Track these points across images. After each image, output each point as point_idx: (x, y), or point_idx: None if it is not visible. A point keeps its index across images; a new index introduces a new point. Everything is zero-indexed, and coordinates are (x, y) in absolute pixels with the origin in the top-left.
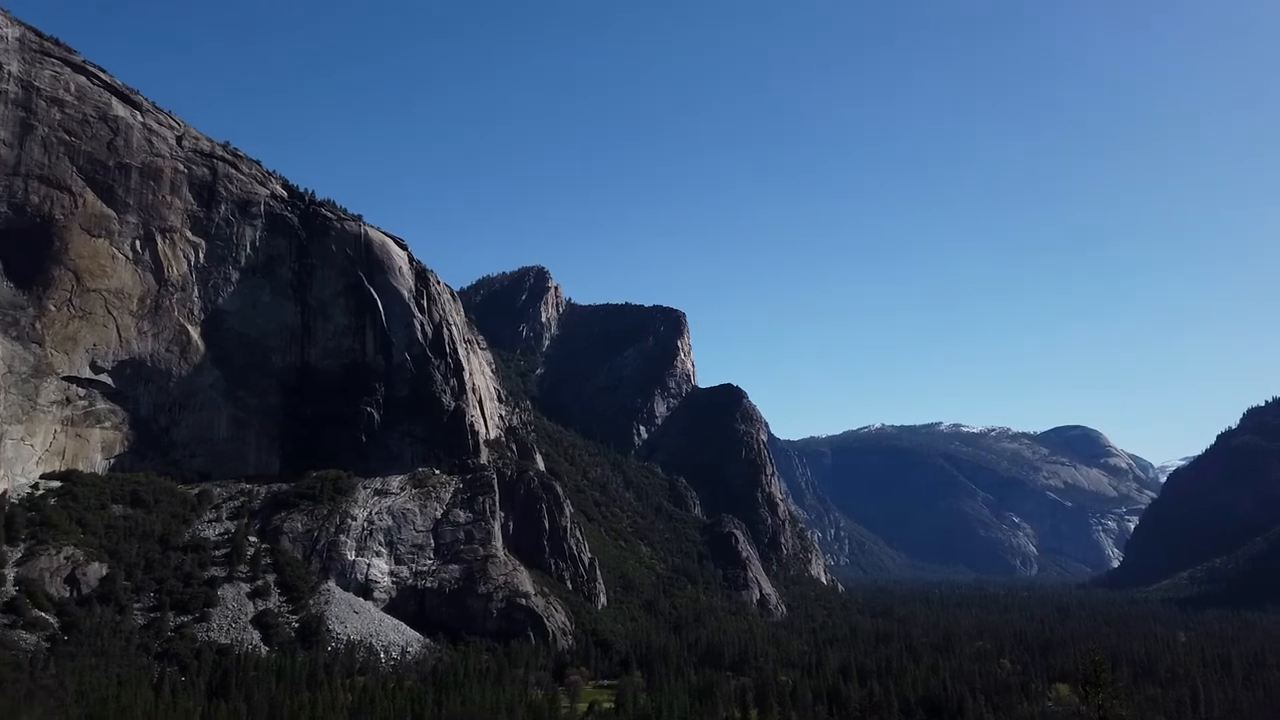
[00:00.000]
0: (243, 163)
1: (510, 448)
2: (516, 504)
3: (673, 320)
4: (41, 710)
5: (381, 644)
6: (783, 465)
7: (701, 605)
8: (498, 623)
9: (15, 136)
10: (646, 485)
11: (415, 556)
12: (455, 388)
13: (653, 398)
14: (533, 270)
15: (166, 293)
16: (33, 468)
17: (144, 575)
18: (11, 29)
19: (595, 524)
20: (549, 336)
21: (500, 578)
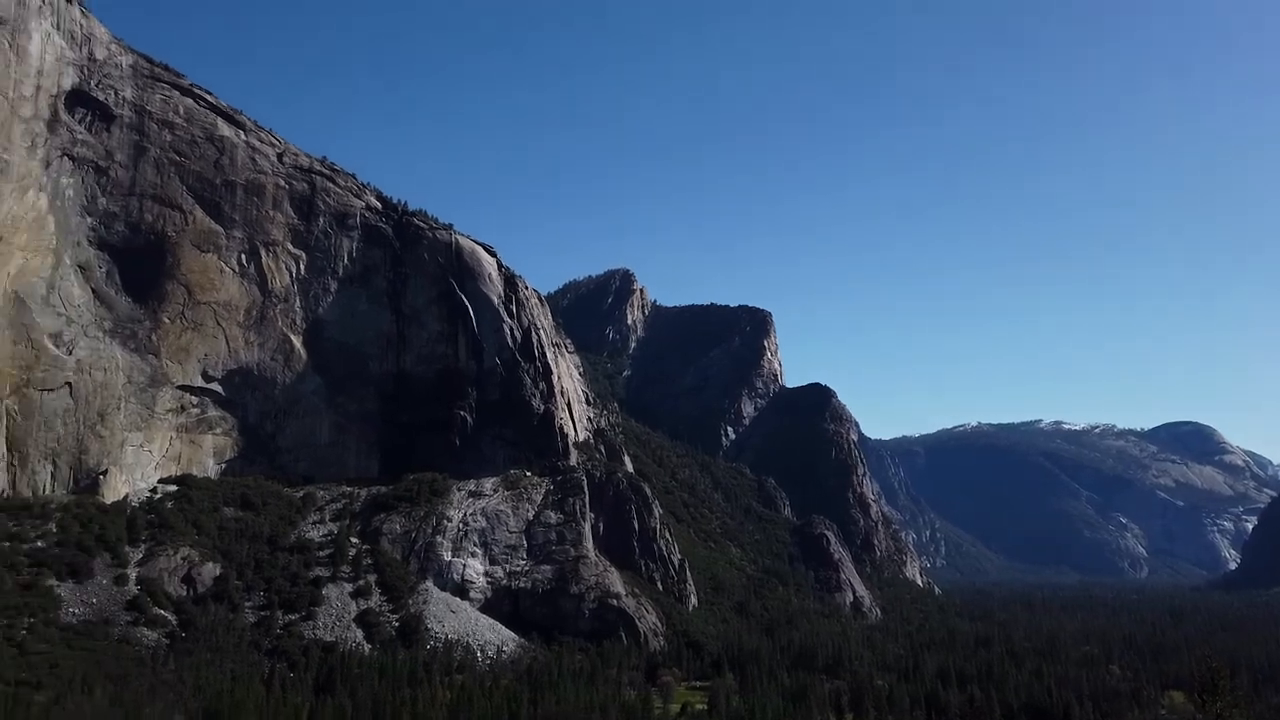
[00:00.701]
0: (339, 176)
1: (599, 450)
2: (606, 505)
3: (759, 320)
4: (163, 704)
5: (478, 643)
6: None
7: (793, 607)
8: (590, 623)
9: (130, 159)
10: (735, 486)
11: (509, 557)
12: (544, 391)
13: (740, 398)
14: (618, 273)
15: (270, 304)
16: (151, 472)
17: (254, 575)
18: (125, 57)
19: (684, 525)
20: (635, 339)
21: (591, 578)
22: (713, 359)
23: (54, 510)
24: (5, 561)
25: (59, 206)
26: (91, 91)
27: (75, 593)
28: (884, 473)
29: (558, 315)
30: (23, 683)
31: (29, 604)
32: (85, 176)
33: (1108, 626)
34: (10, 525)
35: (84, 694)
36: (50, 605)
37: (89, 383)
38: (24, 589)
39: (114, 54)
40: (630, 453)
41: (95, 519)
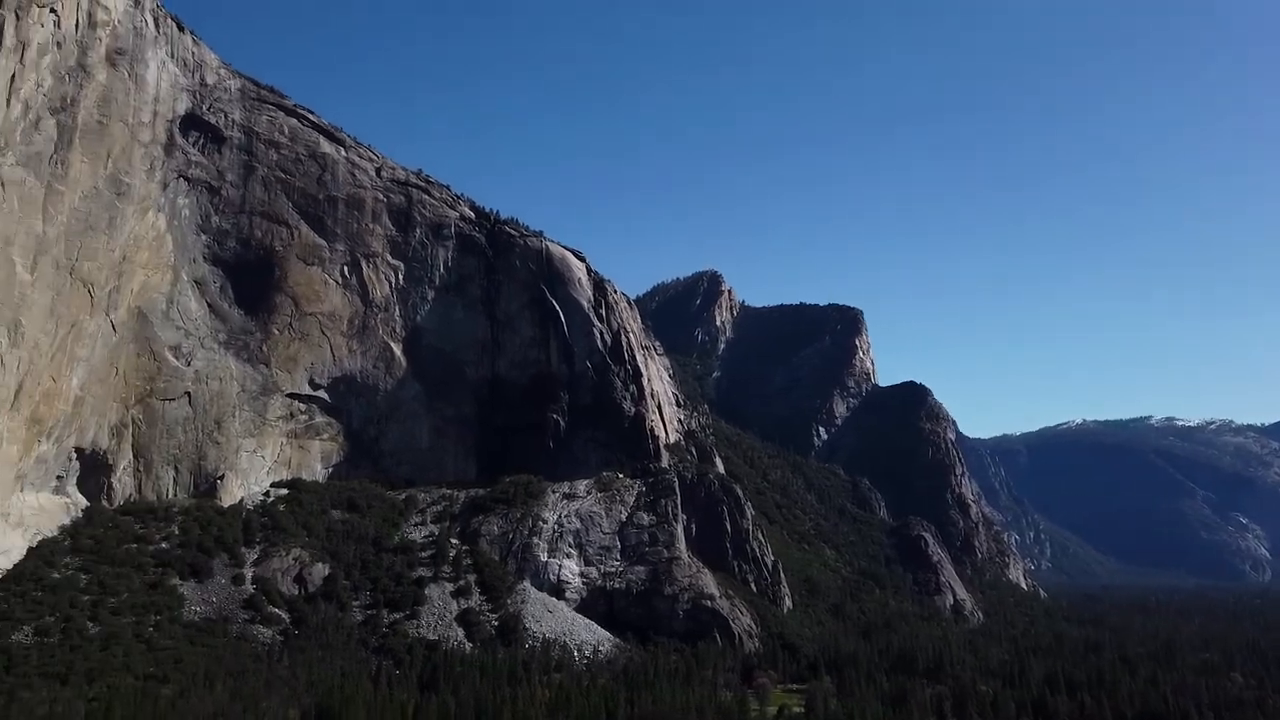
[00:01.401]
0: (434, 188)
1: (690, 451)
2: (697, 506)
3: (850, 318)
4: (278, 699)
5: (575, 643)
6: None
7: (891, 610)
8: (684, 624)
9: (240, 178)
10: (828, 487)
11: (603, 558)
12: (635, 393)
13: (831, 398)
14: (706, 275)
15: (372, 313)
16: (264, 477)
17: (360, 575)
18: (234, 81)
19: (777, 526)
20: (724, 340)
21: (685, 579)
22: (803, 359)
23: (176, 513)
24: (133, 562)
25: (176, 225)
26: (204, 115)
27: (197, 592)
28: (984, 473)
29: (647, 318)
30: (150, 677)
31: (155, 602)
32: (199, 196)
33: (1228, 632)
34: (137, 528)
35: (206, 688)
36: (174, 604)
37: (206, 392)
38: (151, 588)
39: (223, 78)
40: (721, 454)
41: (214, 521)
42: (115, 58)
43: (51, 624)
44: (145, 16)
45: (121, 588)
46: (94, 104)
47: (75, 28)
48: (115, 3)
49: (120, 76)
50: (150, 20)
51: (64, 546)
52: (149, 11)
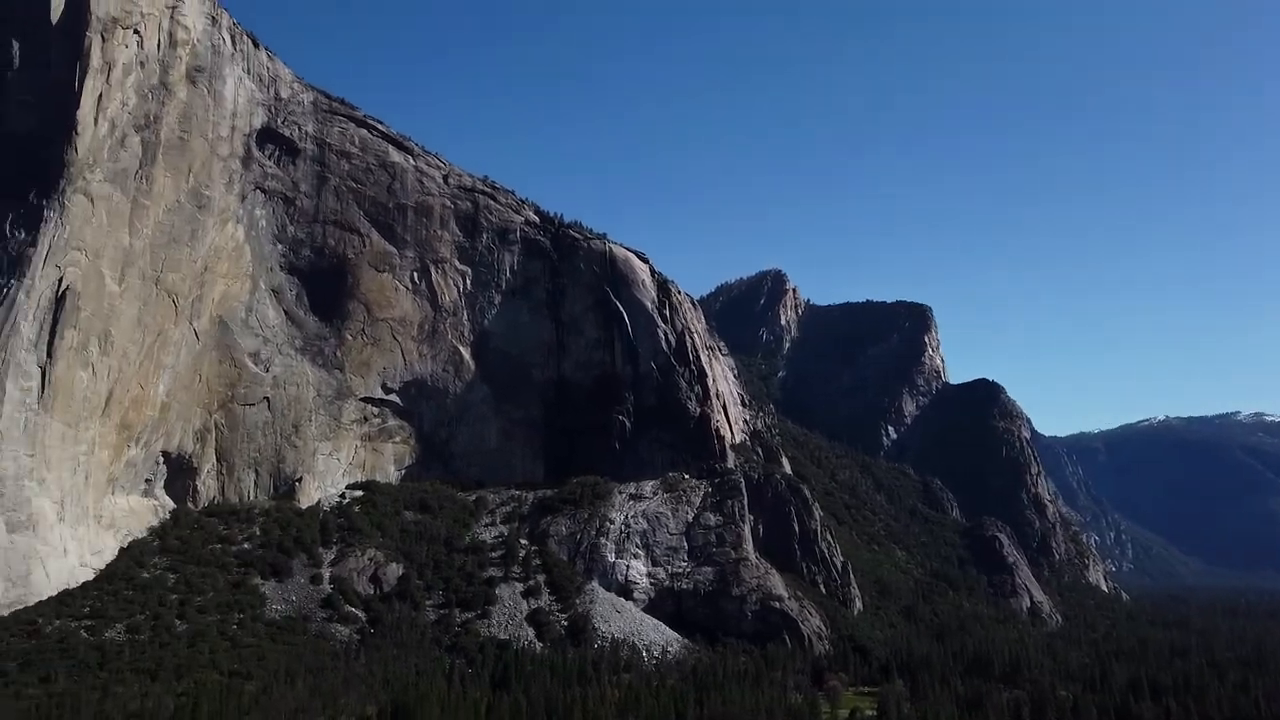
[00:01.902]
0: (499, 194)
1: (755, 451)
2: (765, 507)
3: (918, 315)
4: (356, 696)
5: (643, 643)
6: (1049, 464)
7: (965, 612)
8: (752, 625)
9: (314, 188)
10: (898, 487)
11: (670, 559)
12: (700, 394)
13: (900, 396)
14: (770, 274)
15: (441, 318)
16: (339, 479)
17: (433, 575)
18: (306, 94)
19: (846, 527)
20: (789, 339)
21: (753, 580)
22: (870, 357)
23: (257, 515)
24: (217, 562)
25: (253, 236)
26: (278, 128)
27: (277, 591)
28: (1060, 472)
29: (710, 318)
30: (235, 673)
31: (238, 601)
32: (275, 207)
33: None
34: (220, 529)
35: (287, 685)
36: (256, 602)
37: (284, 397)
38: (234, 587)
39: (296, 92)
40: (788, 454)
41: (293, 522)
42: (195, 75)
43: (142, 622)
44: (222, 34)
45: (207, 587)
46: (175, 120)
47: (157, 47)
48: (194, 22)
49: (200, 93)
50: (227, 38)
51: (153, 547)
52: (226, 29)
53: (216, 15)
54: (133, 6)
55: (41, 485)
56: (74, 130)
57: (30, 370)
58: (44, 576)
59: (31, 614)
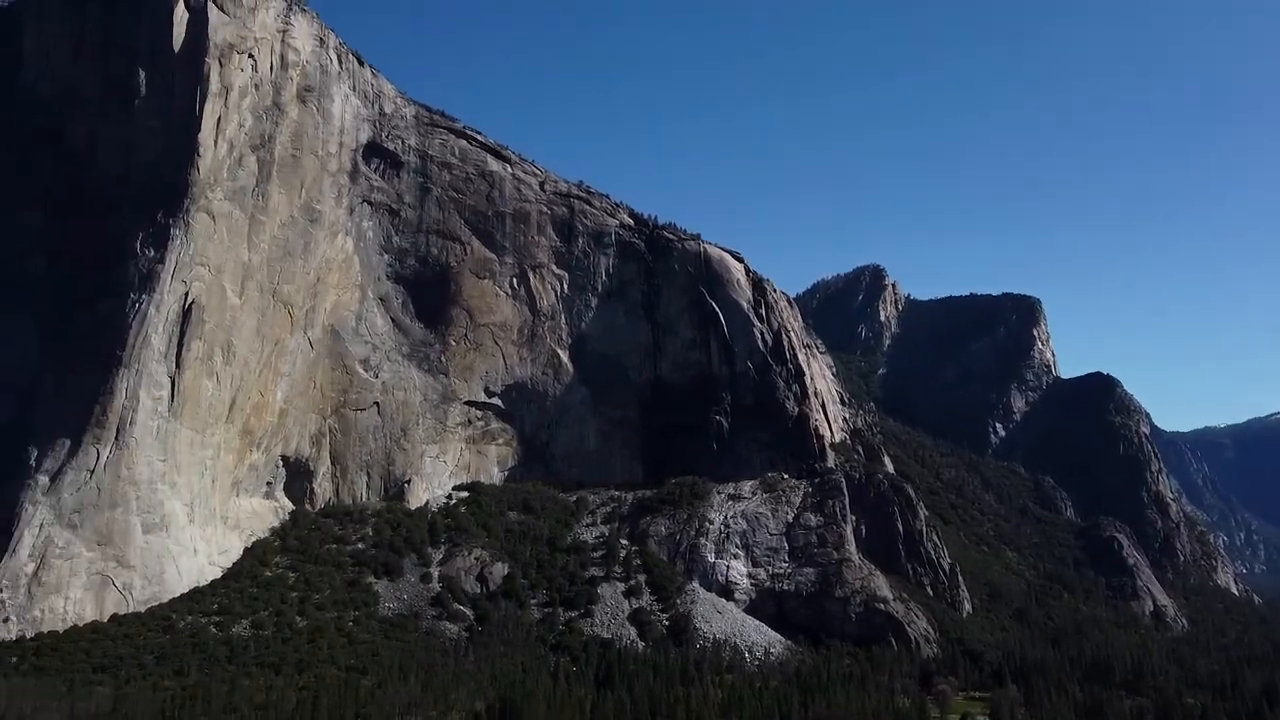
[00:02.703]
0: (594, 198)
1: (856, 450)
2: (867, 507)
3: (1026, 307)
4: (466, 692)
5: (745, 644)
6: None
7: (1082, 616)
8: (856, 627)
9: (417, 199)
10: (1008, 486)
11: (770, 559)
12: (797, 393)
13: (1008, 392)
14: (868, 269)
15: (539, 322)
16: (446, 481)
17: (537, 574)
18: (409, 108)
19: (953, 527)
20: (889, 335)
21: (856, 582)
22: (975, 352)
23: (369, 516)
24: (333, 561)
25: (361, 247)
26: (383, 143)
27: (389, 589)
28: (1184, 469)
29: (807, 316)
30: (352, 668)
31: (354, 599)
32: (381, 219)
33: None
34: (336, 529)
35: (400, 680)
36: (370, 600)
37: (393, 402)
38: (349, 585)
39: (399, 107)
40: (890, 453)
41: (403, 523)
42: (305, 95)
43: (265, 618)
44: (329, 54)
45: (324, 585)
46: (288, 139)
47: (270, 70)
48: (303, 44)
49: (310, 112)
50: (334, 58)
51: (274, 547)
52: (332, 49)
53: (324, 36)
54: (247, 32)
55: (173, 488)
56: (196, 152)
57: (161, 380)
58: (176, 574)
59: (166, 610)
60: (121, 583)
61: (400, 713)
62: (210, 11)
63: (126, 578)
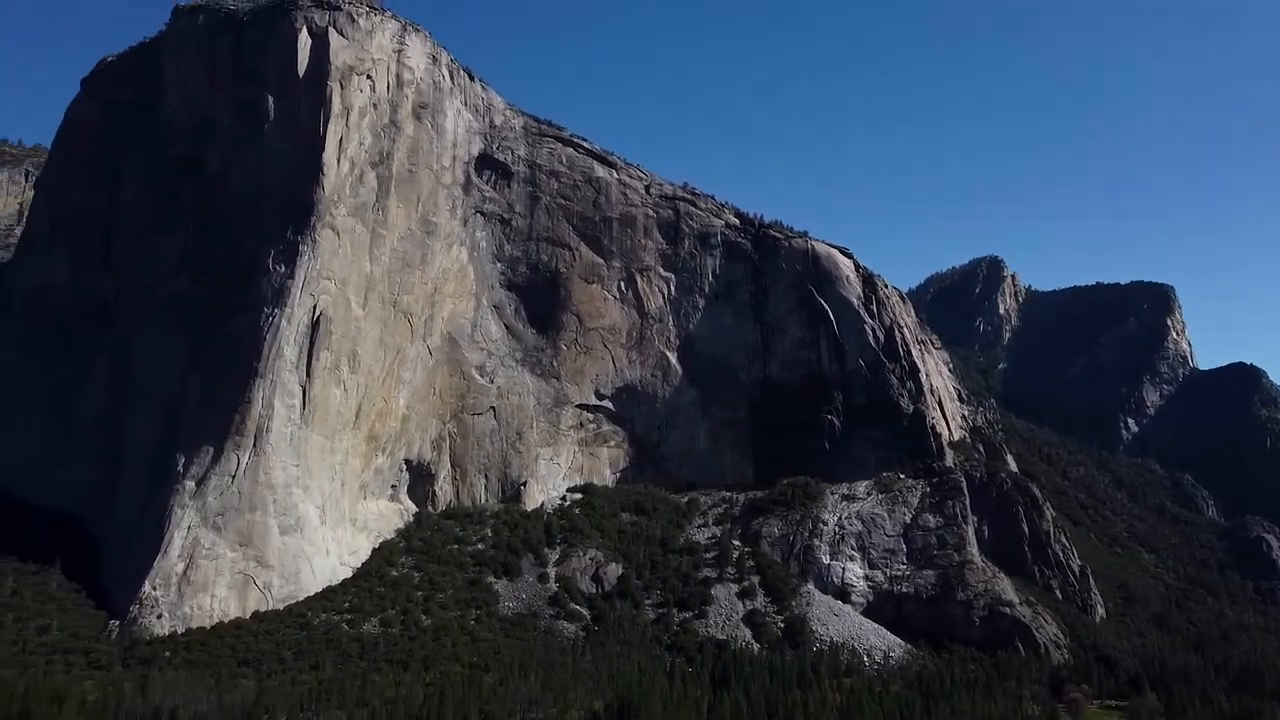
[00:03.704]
0: (700, 200)
1: (976, 448)
2: (989, 507)
3: (1158, 296)
4: (584, 690)
5: (863, 647)
6: None
7: (1228, 621)
8: (980, 631)
9: (527, 208)
10: (1142, 484)
11: (888, 561)
12: (912, 390)
13: (1140, 385)
14: (984, 261)
15: (647, 325)
16: (560, 482)
17: (650, 575)
18: (517, 119)
19: (1083, 528)
20: (1008, 329)
21: (979, 584)
22: (1103, 344)
23: (488, 517)
24: (455, 561)
25: (475, 257)
26: (494, 154)
27: (509, 589)
28: None
29: (921, 311)
30: (475, 665)
31: (475, 598)
32: (493, 229)
33: None
34: (456, 530)
35: (521, 678)
36: (491, 600)
37: (508, 406)
38: (471, 585)
39: (509, 118)
40: (1012, 451)
41: (520, 524)
42: (420, 111)
43: (393, 616)
44: (442, 71)
45: (447, 584)
46: (405, 155)
47: (387, 89)
48: (418, 62)
49: (425, 128)
50: (446, 74)
51: (400, 547)
52: (445, 66)
53: (436, 54)
54: (365, 54)
55: (306, 492)
56: (321, 171)
57: (293, 389)
58: (310, 574)
59: (302, 608)
60: (261, 581)
61: (522, 709)
62: (331, 37)
63: (266, 577)
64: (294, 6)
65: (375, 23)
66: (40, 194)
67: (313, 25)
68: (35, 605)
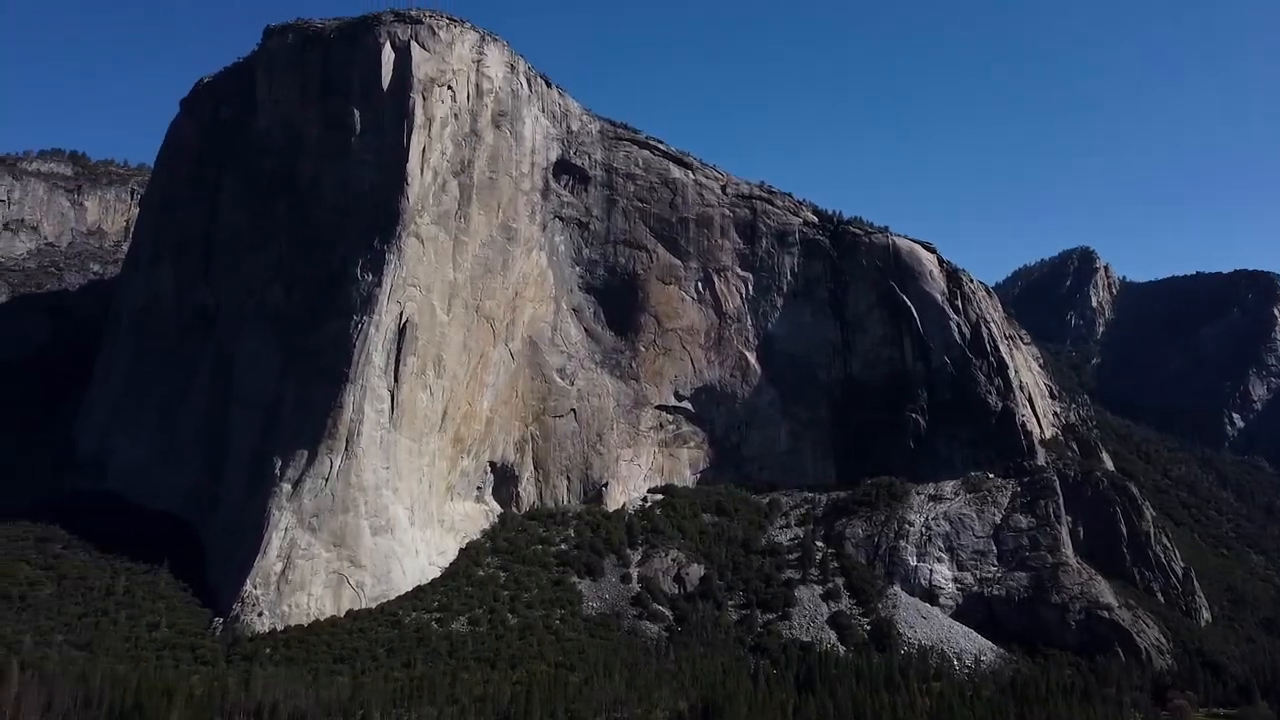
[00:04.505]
0: (776, 198)
1: (1070, 447)
2: (1084, 507)
3: (1263, 285)
4: (668, 691)
5: (953, 651)
6: None
7: None
8: (1077, 636)
9: (604, 212)
10: (1250, 482)
11: (977, 563)
12: (1000, 387)
13: (1245, 379)
14: (1075, 253)
15: (725, 325)
16: (640, 483)
17: (733, 576)
18: (594, 124)
19: (1185, 529)
20: (1102, 322)
21: (1075, 587)
22: (1205, 337)
23: (570, 518)
24: (539, 562)
25: (554, 261)
26: (571, 159)
27: (592, 589)
28: None
29: (1009, 306)
30: (560, 665)
31: (559, 598)
32: (572, 233)
33: None
34: (540, 531)
35: (606, 677)
36: (575, 599)
37: (588, 408)
38: (555, 585)
39: (585, 124)
40: (1108, 449)
41: (602, 525)
42: (499, 120)
43: (480, 615)
44: (520, 79)
45: (532, 584)
46: (485, 163)
47: (467, 99)
48: (496, 72)
49: (504, 135)
50: (524, 82)
51: (486, 548)
52: (522, 74)
53: (514, 62)
54: (445, 65)
55: (395, 494)
56: (405, 181)
57: (382, 394)
58: (401, 574)
59: (393, 607)
60: (355, 581)
61: (607, 709)
62: (413, 50)
63: (359, 576)
64: (377, 22)
65: (455, 34)
66: (144, 211)
67: (395, 39)
68: (146, 603)
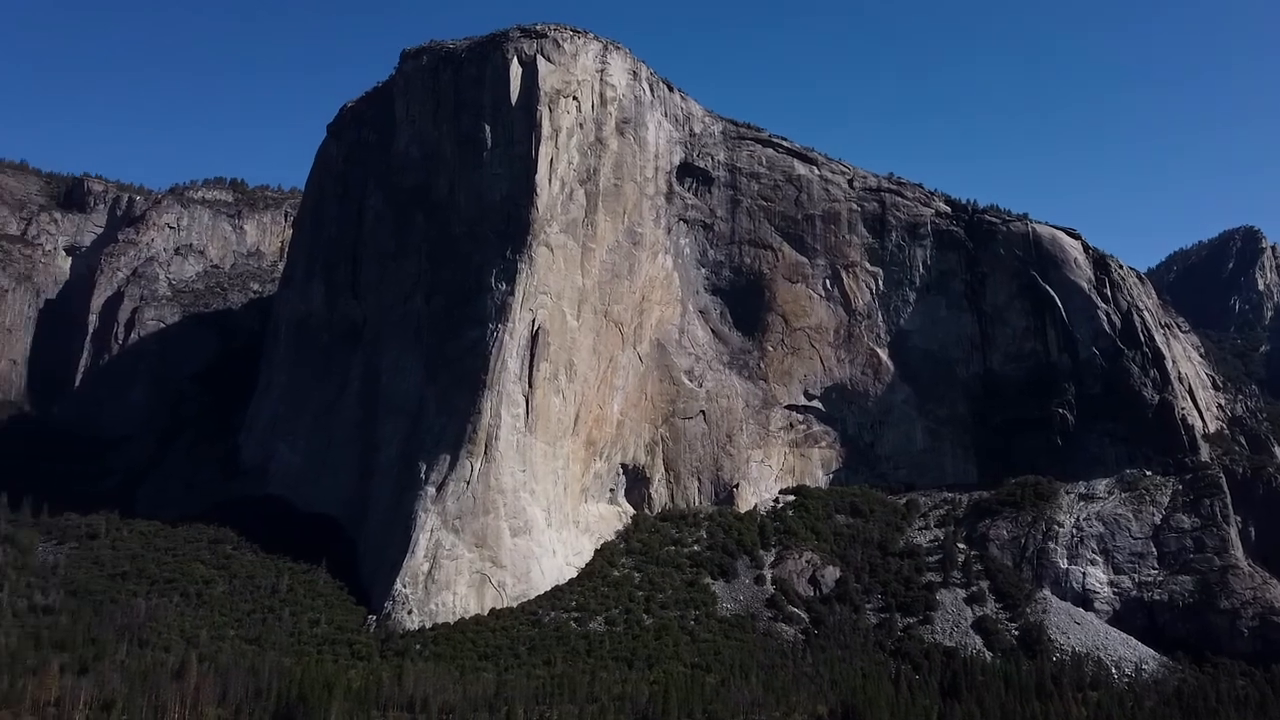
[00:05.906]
0: (906, 189)
1: (1237, 441)
2: (1254, 506)
3: None
4: (806, 694)
5: (1110, 659)
6: None
7: None
8: (1249, 643)
9: (728, 212)
10: None
11: (1135, 566)
12: (1157, 379)
13: None
14: (1238, 232)
15: (855, 322)
16: (771, 484)
17: (869, 578)
18: (716, 125)
19: None
20: (1269, 306)
21: (1246, 592)
22: None
23: (702, 519)
24: (672, 562)
25: (680, 264)
26: (694, 161)
27: (725, 590)
28: None
29: (1163, 293)
30: (696, 665)
31: (693, 599)
32: (696, 235)
33: None
34: (672, 532)
35: (742, 679)
36: (708, 600)
37: (717, 409)
38: (688, 586)
39: (707, 125)
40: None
41: (733, 526)
42: (623, 127)
43: (617, 615)
44: (642, 86)
45: (666, 585)
46: (610, 170)
47: (591, 108)
48: (619, 79)
49: (628, 142)
50: (646, 88)
51: (620, 549)
52: (644, 80)
53: (636, 70)
54: (570, 76)
55: (532, 496)
56: (534, 192)
57: (517, 399)
58: (540, 574)
59: (533, 606)
60: (496, 580)
61: (745, 711)
62: (539, 63)
63: (500, 576)
64: (505, 39)
65: (579, 45)
66: (297, 231)
67: (522, 54)
68: (306, 600)
